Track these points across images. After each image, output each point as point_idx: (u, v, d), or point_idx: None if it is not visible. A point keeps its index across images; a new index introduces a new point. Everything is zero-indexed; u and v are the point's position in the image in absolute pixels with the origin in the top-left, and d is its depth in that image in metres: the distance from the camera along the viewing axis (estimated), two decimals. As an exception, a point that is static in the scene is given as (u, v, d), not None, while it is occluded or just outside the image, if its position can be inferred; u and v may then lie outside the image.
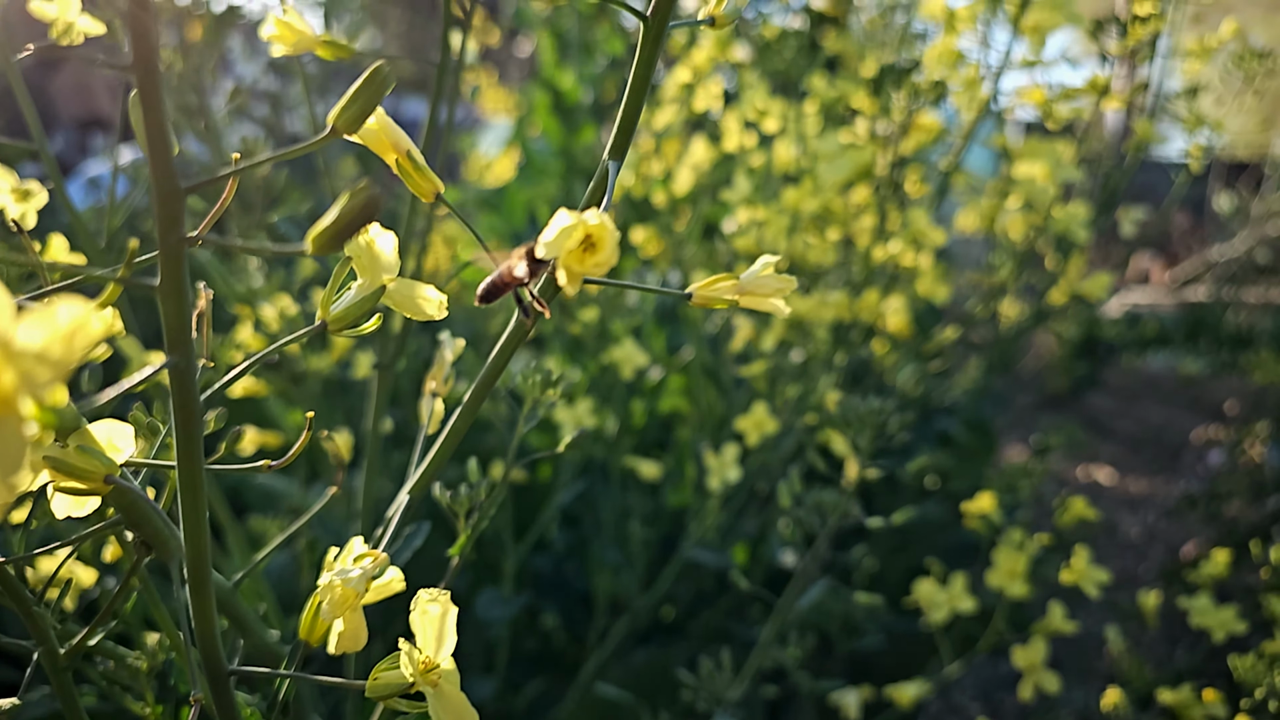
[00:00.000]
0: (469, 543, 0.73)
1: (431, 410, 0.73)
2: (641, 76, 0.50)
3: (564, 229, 0.39)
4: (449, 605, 0.51)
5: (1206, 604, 1.45)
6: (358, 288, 0.46)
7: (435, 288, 0.50)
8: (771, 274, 0.62)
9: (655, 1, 0.48)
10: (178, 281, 0.36)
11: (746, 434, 1.20)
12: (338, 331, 0.46)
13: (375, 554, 0.59)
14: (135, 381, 0.37)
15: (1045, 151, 1.19)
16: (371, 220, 0.33)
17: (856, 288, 1.21)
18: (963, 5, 1.26)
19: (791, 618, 1.03)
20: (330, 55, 0.78)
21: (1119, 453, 3.51)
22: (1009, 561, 1.05)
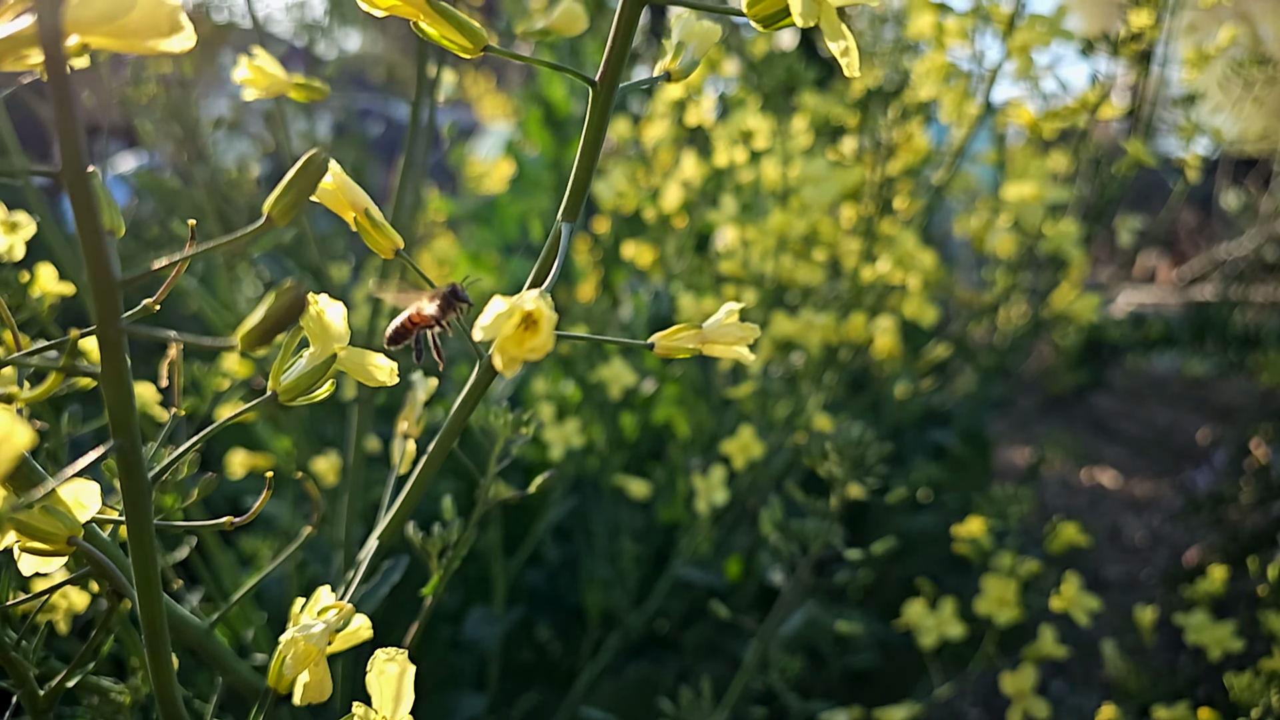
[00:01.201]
0: (442, 582, 0.74)
1: (403, 451, 0.74)
2: (592, 140, 0.50)
3: (500, 314, 0.39)
4: (406, 664, 0.52)
5: (1203, 621, 1.44)
6: (308, 357, 0.47)
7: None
8: (734, 322, 0.62)
9: (603, 69, 0.48)
10: (118, 370, 0.37)
11: (733, 457, 1.20)
12: (290, 400, 0.46)
13: (340, 605, 0.60)
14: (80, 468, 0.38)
15: (1036, 170, 1.18)
16: (297, 319, 0.33)
17: (845, 309, 1.21)
18: (952, 22, 1.25)
19: (776, 642, 1.03)
20: (303, 98, 0.79)
21: (1123, 455, 3.48)
22: (998, 589, 1.05)
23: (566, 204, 0.52)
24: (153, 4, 0.37)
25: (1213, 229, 4.76)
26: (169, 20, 0.37)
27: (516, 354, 0.40)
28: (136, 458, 0.40)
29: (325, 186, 0.54)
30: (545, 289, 0.46)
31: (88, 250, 0.34)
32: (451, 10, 0.45)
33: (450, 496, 0.78)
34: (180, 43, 0.38)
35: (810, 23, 0.39)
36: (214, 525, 0.54)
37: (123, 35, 0.37)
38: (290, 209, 0.37)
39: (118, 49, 0.38)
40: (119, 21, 0.37)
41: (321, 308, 0.46)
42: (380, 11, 0.45)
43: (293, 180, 0.37)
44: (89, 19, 0.36)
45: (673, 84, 0.55)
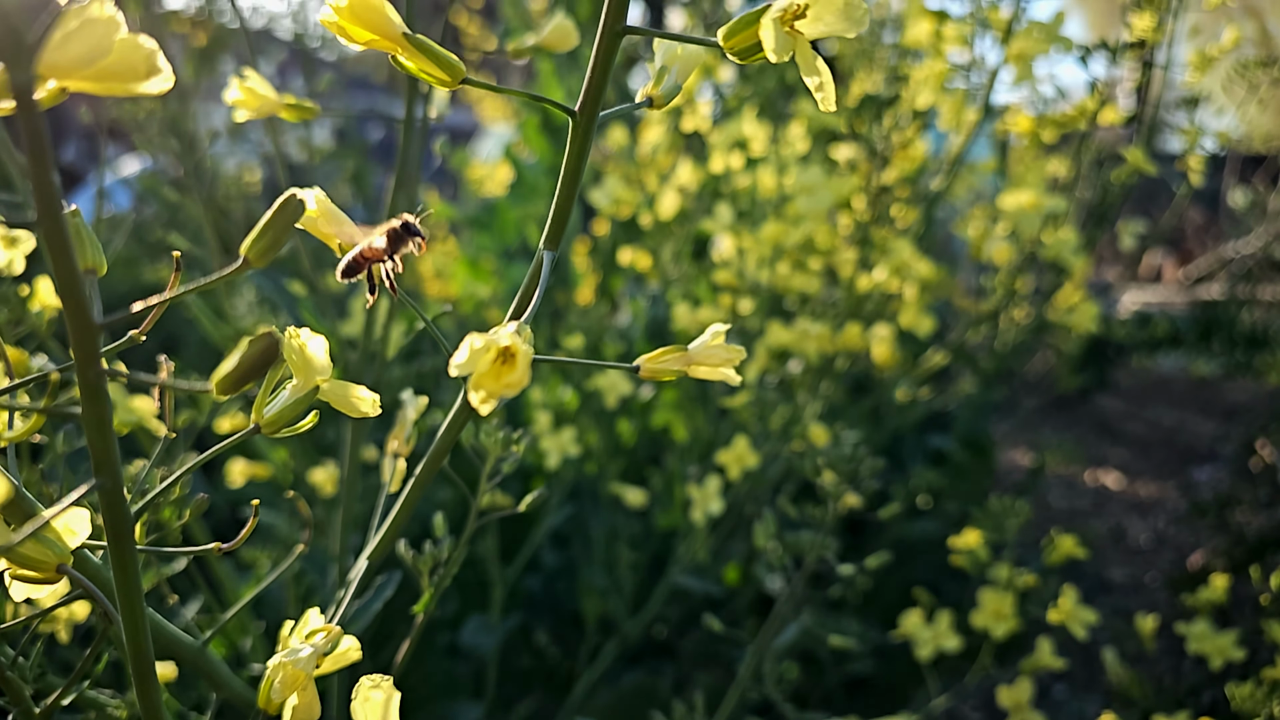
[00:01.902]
0: (433, 599, 0.74)
1: (394, 469, 0.74)
2: (573, 169, 0.50)
3: (475, 350, 0.39)
4: (392, 692, 0.52)
5: (1204, 630, 1.43)
6: (291, 389, 0.47)
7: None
8: (720, 344, 0.62)
9: (582, 99, 0.48)
10: (99, 412, 0.37)
11: (728, 467, 1.20)
12: (273, 433, 0.47)
13: (328, 628, 0.60)
14: (63, 507, 0.38)
15: (1034, 178, 1.17)
16: (270, 365, 0.33)
17: (840, 319, 1.20)
18: (950, 29, 1.24)
19: (771, 654, 1.03)
20: (294, 117, 0.79)
21: (1128, 456, 3.46)
22: (995, 602, 1.04)
23: (548, 232, 0.52)
24: (129, 48, 0.37)
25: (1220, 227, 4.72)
26: (146, 63, 0.37)
27: (493, 389, 0.40)
28: (119, 495, 0.40)
29: (309, 214, 0.54)
30: (526, 319, 0.47)
31: (64, 296, 0.34)
32: (428, 44, 0.45)
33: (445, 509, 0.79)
34: (158, 84, 0.38)
35: (784, 58, 0.39)
36: (202, 551, 0.55)
37: (100, 79, 0.38)
38: (267, 251, 0.37)
39: (96, 92, 0.39)
40: (96, 66, 0.37)
41: (303, 341, 0.46)
42: (359, 46, 0.46)
43: (269, 223, 0.37)
44: (66, 64, 0.36)
45: (655, 109, 0.55)
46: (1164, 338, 3.50)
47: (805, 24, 0.40)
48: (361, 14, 0.44)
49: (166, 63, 0.39)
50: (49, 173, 0.32)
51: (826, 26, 0.41)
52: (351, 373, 0.96)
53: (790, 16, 0.40)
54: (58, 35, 0.35)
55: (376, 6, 0.44)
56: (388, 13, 0.45)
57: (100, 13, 0.36)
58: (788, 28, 0.40)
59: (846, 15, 0.41)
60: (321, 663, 0.59)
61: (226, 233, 1.09)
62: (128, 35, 0.37)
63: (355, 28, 0.45)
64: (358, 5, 0.44)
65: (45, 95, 0.37)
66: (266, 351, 0.33)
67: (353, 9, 0.44)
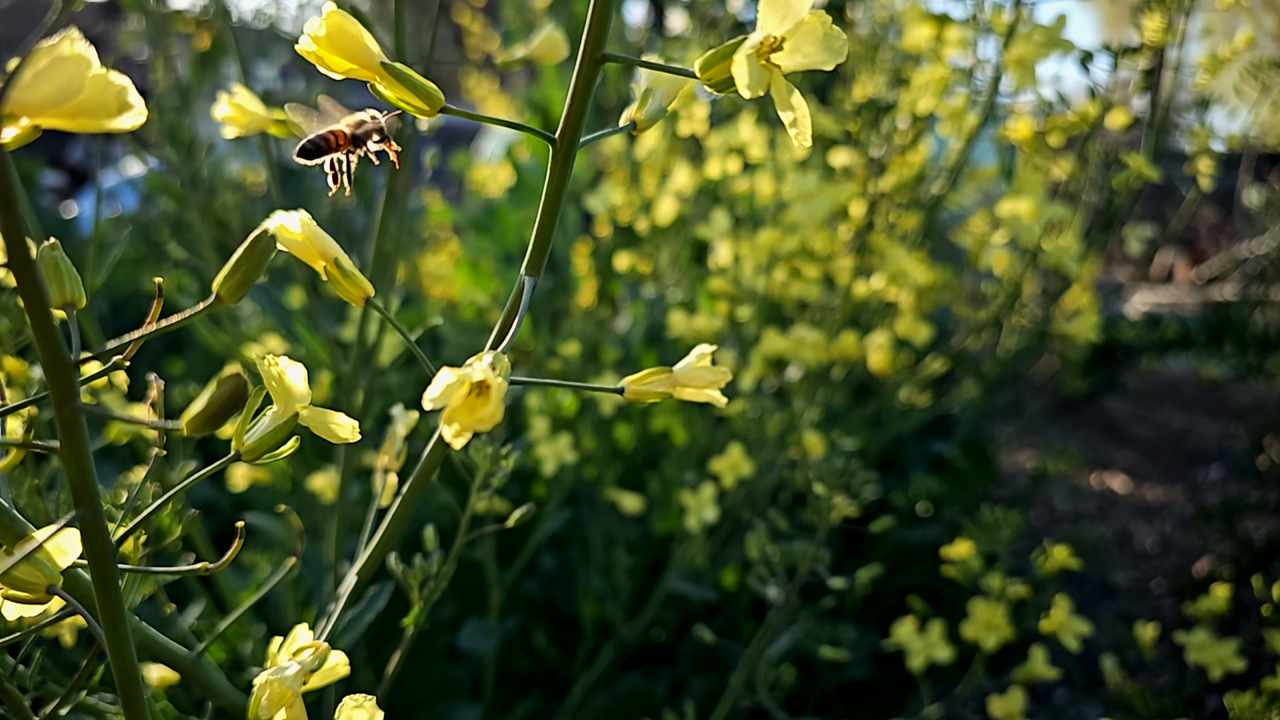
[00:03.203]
0: (423, 612, 0.75)
1: (384, 484, 0.75)
2: (553, 195, 0.50)
3: (449, 385, 0.39)
4: (374, 711, 0.52)
5: (1204, 639, 1.42)
6: (271, 416, 0.47)
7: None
8: (705, 366, 0.62)
9: (562, 127, 0.48)
10: (77, 446, 0.38)
11: (722, 475, 1.20)
12: (253, 460, 0.47)
13: (316, 645, 0.61)
14: (46, 538, 0.39)
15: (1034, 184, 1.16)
16: (239, 407, 0.34)
17: (836, 327, 1.20)
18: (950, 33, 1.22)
19: (764, 663, 1.03)
20: (282, 133, 0.79)
21: (1135, 459, 3.43)
22: (986, 613, 1.04)
23: (529, 258, 0.52)
24: (100, 85, 0.37)
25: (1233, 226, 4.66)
26: (117, 100, 0.38)
27: (466, 423, 0.40)
28: (100, 526, 0.41)
29: (294, 237, 0.55)
30: (503, 349, 0.47)
31: (38, 335, 0.35)
32: (407, 74, 0.45)
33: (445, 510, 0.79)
34: (130, 120, 0.39)
35: (759, 93, 0.39)
36: (189, 571, 0.55)
37: (72, 115, 0.38)
38: (239, 288, 0.37)
39: (69, 128, 0.39)
40: (68, 104, 0.37)
41: (283, 369, 0.47)
42: (338, 74, 0.46)
43: (240, 261, 0.37)
44: (36, 102, 0.36)
45: (639, 133, 0.55)
46: (1174, 339, 3.46)
47: (782, 56, 0.40)
48: (339, 44, 0.44)
49: (139, 97, 0.39)
50: (17, 218, 0.32)
51: (805, 58, 0.40)
52: (345, 381, 0.96)
53: (767, 49, 0.40)
54: (28, 74, 0.35)
55: (355, 36, 0.44)
56: (366, 42, 0.45)
57: (70, 51, 0.36)
58: (764, 61, 0.40)
59: (826, 46, 0.40)
60: (309, 679, 0.60)
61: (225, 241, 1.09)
62: (99, 72, 0.37)
63: (333, 57, 0.45)
64: (335, 35, 0.44)
65: (16, 134, 0.37)
66: (235, 393, 0.33)
67: (331, 39, 0.44)
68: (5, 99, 0.34)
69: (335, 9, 0.44)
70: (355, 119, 0.52)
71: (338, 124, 0.51)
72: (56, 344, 0.35)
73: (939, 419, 1.91)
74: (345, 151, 0.51)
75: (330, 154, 0.51)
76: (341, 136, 0.50)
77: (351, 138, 0.51)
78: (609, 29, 0.45)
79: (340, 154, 0.52)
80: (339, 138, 0.51)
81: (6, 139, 0.37)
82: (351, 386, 0.99)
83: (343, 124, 0.51)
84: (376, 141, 0.51)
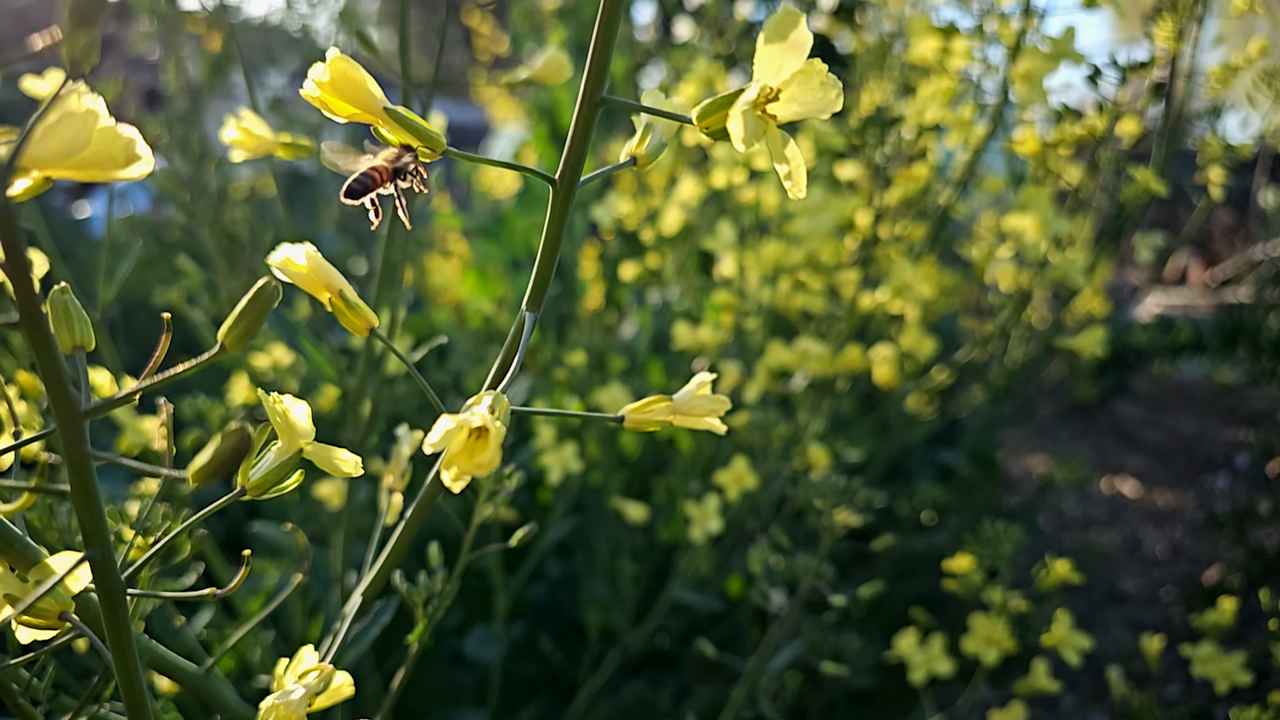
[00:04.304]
0: (428, 629, 0.76)
1: (390, 504, 0.76)
2: (554, 235, 0.50)
3: (448, 431, 0.40)
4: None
5: (1210, 652, 1.41)
6: (276, 452, 0.48)
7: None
8: (706, 394, 0.62)
9: (562, 168, 0.48)
10: (86, 490, 0.39)
11: (726, 488, 1.20)
12: (259, 494, 0.48)
13: (321, 667, 0.62)
14: (57, 580, 0.40)
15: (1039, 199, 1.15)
16: (243, 458, 0.35)
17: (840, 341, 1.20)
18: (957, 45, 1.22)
19: (766, 677, 1.04)
20: (290, 155, 0.80)
21: (1146, 464, 3.40)
22: (986, 627, 1.04)
23: (530, 294, 0.53)
24: (109, 138, 0.38)
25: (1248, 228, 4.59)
26: (125, 152, 0.38)
27: (465, 468, 0.41)
28: (109, 565, 0.42)
29: (300, 270, 0.55)
30: (503, 388, 0.47)
31: (48, 385, 0.36)
32: (409, 118, 0.46)
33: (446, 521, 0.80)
34: (138, 170, 0.39)
35: (753, 146, 0.39)
36: (196, 596, 0.56)
37: (81, 167, 0.39)
38: (242, 338, 0.38)
39: (78, 179, 0.40)
40: (77, 157, 0.38)
41: (287, 407, 0.48)
42: (342, 119, 0.46)
43: (243, 311, 0.38)
44: (47, 157, 0.37)
45: (640, 168, 0.55)
46: (1186, 343, 3.42)
47: (778, 106, 0.40)
48: (343, 89, 0.45)
49: (146, 147, 0.40)
50: (28, 277, 0.33)
51: (801, 107, 0.41)
52: (352, 397, 0.98)
53: (763, 100, 0.40)
54: (38, 130, 0.36)
55: (358, 82, 0.45)
56: (369, 87, 0.45)
57: (78, 106, 0.37)
58: (759, 112, 0.40)
59: (822, 96, 0.41)
60: (314, 702, 0.61)
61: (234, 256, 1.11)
62: (107, 125, 0.38)
63: (337, 102, 0.45)
64: (340, 81, 0.44)
65: (28, 187, 0.38)
66: (239, 446, 0.34)
67: (335, 85, 0.45)
68: (18, 155, 0.35)
69: (339, 55, 0.44)
70: (393, 154, 0.52)
71: (375, 160, 0.52)
72: (66, 394, 0.36)
73: (946, 428, 1.91)
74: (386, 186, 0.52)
75: (373, 191, 0.52)
76: (385, 173, 0.51)
77: (392, 172, 0.52)
78: (608, 73, 0.46)
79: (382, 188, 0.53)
80: (382, 174, 0.52)
81: (17, 191, 0.38)
82: (358, 398, 1.00)
83: (380, 159, 0.52)
84: (412, 173, 0.52)
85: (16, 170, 0.35)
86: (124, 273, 1.08)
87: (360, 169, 0.52)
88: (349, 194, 0.51)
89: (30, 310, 0.34)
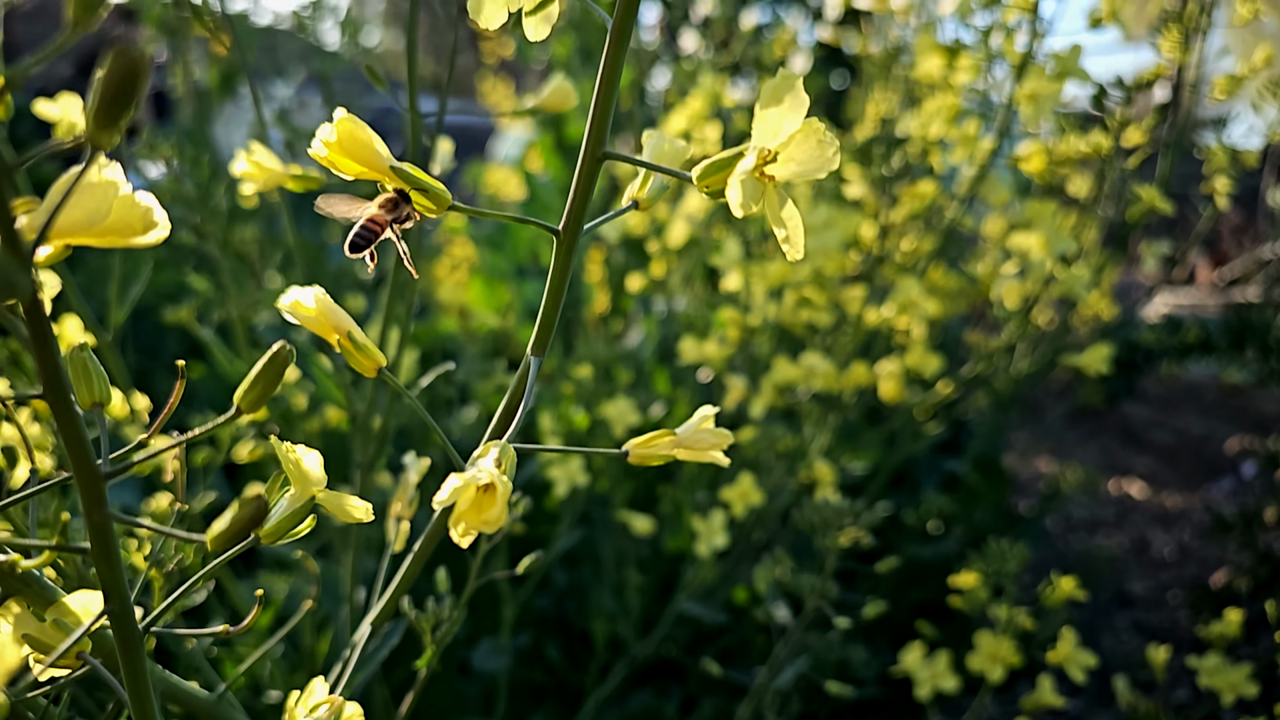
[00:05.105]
0: (435, 656, 0.77)
1: (398, 531, 0.77)
2: (557, 286, 0.51)
3: (455, 489, 0.41)
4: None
5: (1216, 664, 1.41)
6: (289, 499, 0.49)
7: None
8: (709, 428, 0.63)
9: (565, 221, 0.49)
10: (107, 549, 0.40)
11: (732, 504, 1.21)
12: (272, 541, 0.49)
13: (333, 700, 0.63)
14: (77, 638, 0.41)
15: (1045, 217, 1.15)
16: (259, 525, 0.36)
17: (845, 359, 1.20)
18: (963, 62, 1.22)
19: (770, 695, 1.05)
20: (299, 188, 0.81)
21: (1154, 465, 3.39)
22: (991, 645, 1.05)
23: (535, 339, 0.53)
24: (127, 207, 0.39)
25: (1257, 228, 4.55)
26: (142, 221, 0.40)
27: (473, 524, 0.42)
28: (128, 617, 0.43)
29: (309, 313, 0.56)
30: (508, 437, 0.48)
31: (70, 450, 0.37)
32: (415, 175, 0.47)
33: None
34: (155, 236, 0.41)
35: (751, 212, 0.40)
36: (210, 634, 0.58)
37: (101, 235, 0.40)
38: (259, 401, 0.39)
39: (97, 245, 0.41)
40: (97, 226, 0.39)
41: (299, 456, 0.49)
42: (349, 176, 0.47)
43: (258, 376, 0.39)
44: (69, 226, 0.38)
45: (641, 210, 0.56)
46: (1194, 344, 3.40)
47: (777, 167, 0.41)
48: (350, 149, 0.46)
49: (163, 212, 0.41)
50: (53, 353, 0.34)
51: (799, 167, 0.41)
52: (360, 421, 0.99)
53: (761, 163, 0.41)
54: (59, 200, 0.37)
55: (365, 142, 0.46)
56: (375, 146, 0.46)
57: (98, 178, 0.38)
58: (758, 174, 0.41)
59: (820, 154, 0.41)
60: (326, 733, 0.62)
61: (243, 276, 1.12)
62: (125, 194, 0.39)
63: (345, 161, 0.46)
64: (347, 141, 0.45)
65: (48, 255, 0.39)
66: (256, 514, 0.35)
67: (342, 144, 0.46)
68: (47, 231, 0.36)
69: (346, 115, 0.45)
70: (389, 200, 0.52)
71: (371, 208, 0.52)
72: (88, 460, 0.37)
73: (952, 435, 1.91)
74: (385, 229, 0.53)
75: (376, 241, 0.53)
76: (385, 222, 0.51)
77: (390, 221, 0.52)
78: (609, 128, 0.47)
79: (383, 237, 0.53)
80: (382, 225, 0.52)
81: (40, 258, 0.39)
82: (367, 420, 1.02)
83: (376, 208, 0.52)
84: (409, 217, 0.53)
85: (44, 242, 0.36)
86: (134, 294, 1.09)
87: (358, 217, 0.52)
88: (353, 248, 0.52)
89: (54, 383, 0.35)
